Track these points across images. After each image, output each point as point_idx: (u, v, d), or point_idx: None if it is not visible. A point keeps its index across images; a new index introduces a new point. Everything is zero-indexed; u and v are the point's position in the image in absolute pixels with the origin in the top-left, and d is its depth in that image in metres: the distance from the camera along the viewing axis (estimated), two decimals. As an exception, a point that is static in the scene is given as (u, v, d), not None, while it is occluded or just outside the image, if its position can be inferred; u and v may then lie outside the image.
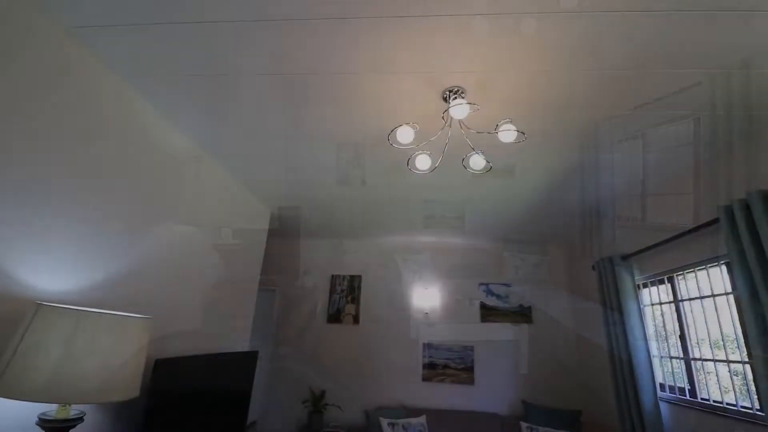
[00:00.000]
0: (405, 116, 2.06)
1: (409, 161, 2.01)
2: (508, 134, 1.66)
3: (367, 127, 2.25)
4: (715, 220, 2.37)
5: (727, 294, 2.48)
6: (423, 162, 1.96)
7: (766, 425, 2.08)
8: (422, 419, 3.93)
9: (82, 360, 1.30)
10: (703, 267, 2.67)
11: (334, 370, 4.60)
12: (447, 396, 4.39)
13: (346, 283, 4.97)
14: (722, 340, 2.51)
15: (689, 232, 2.61)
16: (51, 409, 1.46)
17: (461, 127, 1.88)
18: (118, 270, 2.02)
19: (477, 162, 1.93)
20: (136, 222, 2.14)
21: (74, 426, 1.43)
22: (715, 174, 2.51)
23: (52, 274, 1.66)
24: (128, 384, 1.44)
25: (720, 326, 2.53)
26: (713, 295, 2.59)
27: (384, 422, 3.74)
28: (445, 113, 1.81)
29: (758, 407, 2.22)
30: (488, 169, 2.01)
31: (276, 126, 2.34)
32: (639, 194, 3.10)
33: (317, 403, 4.21)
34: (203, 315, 2.81)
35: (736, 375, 2.43)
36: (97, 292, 1.88)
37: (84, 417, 1.48)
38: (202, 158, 2.73)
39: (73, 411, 1.47)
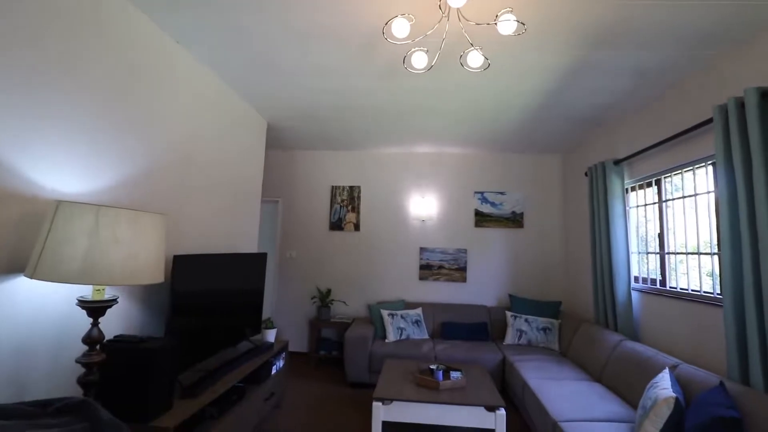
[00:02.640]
0: (400, 7, 1.95)
1: (405, 59, 1.95)
2: (507, 25, 1.59)
3: (359, 22, 2.13)
4: (709, 121, 2.39)
5: (708, 193, 2.60)
6: (419, 60, 1.90)
7: (721, 305, 2.35)
8: (419, 310, 4.38)
9: (108, 248, 1.45)
10: (691, 168, 2.75)
11: (338, 271, 4.97)
12: (441, 292, 4.82)
13: (346, 193, 5.10)
14: (697, 236, 2.70)
15: (683, 133, 2.63)
16: (87, 294, 1.66)
17: (459, 19, 1.80)
18: (130, 174, 2.10)
19: (475, 59, 1.88)
20: (140, 128, 2.17)
21: (110, 306, 1.64)
22: (714, 72, 2.45)
23: (67, 176, 1.74)
24: (152, 270, 1.61)
25: (697, 223, 2.69)
26: (695, 194, 2.71)
27: (384, 313, 4.17)
28: (442, 2, 1.71)
29: (719, 292, 2.48)
30: (486, 67, 1.96)
31: (264, 25, 2.22)
32: (637, 96, 3.04)
33: (324, 299, 4.63)
34: (212, 219, 2.98)
35: (708, 276, 2.64)
36: (112, 194, 1.99)
37: (118, 300, 1.68)
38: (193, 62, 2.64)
39: (107, 295, 1.67)
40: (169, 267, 2.38)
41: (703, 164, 2.63)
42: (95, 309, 1.59)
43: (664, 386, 2.05)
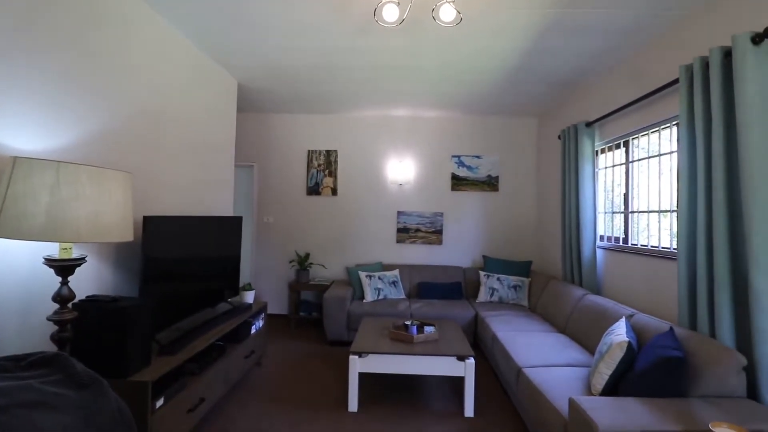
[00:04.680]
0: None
1: (376, 11, 1.90)
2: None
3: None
4: (676, 81, 2.44)
5: (671, 153, 2.70)
6: (390, 12, 1.85)
7: (676, 259, 2.51)
8: (396, 272, 4.49)
9: (71, 205, 1.41)
10: (657, 129, 2.83)
11: (317, 236, 5.00)
12: (418, 254, 4.94)
13: (322, 157, 5.04)
14: (659, 195, 2.82)
15: (651, 94, 2.69)
16: (54, 253, 1.63)
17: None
18: (92, 132, 2.01)
19: (447, 12, 1.85)
20: (102, 86, 2.06)
21: (78, 265, 1.62)
22: (683, 32, 2.48)
23: (25, 134, 1.66)
24: (120, 228, 1.59)
25: (659, 183, 2.81)
26: (659, 155, 2.81)
27: (362, 275, 4.26)
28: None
29: (675, 247, 2.64)
30: (458, 22, 1.93)
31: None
32: (609, 57, 3.06)
33: (302, 262, 4.68)
34: (183, 181, 2.92)
35: (670, 236, 2.79)
36: (74, 153, 1.91)
37: (86, 258, 1.67)
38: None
39: (75, 254, 1.64)
40: (139, 228, 2.34)
41: (668, 125, 2.71)
42: (63, 267, 1.58)
43: (619, 332, 2.21)
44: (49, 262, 1.55)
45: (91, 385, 1.26)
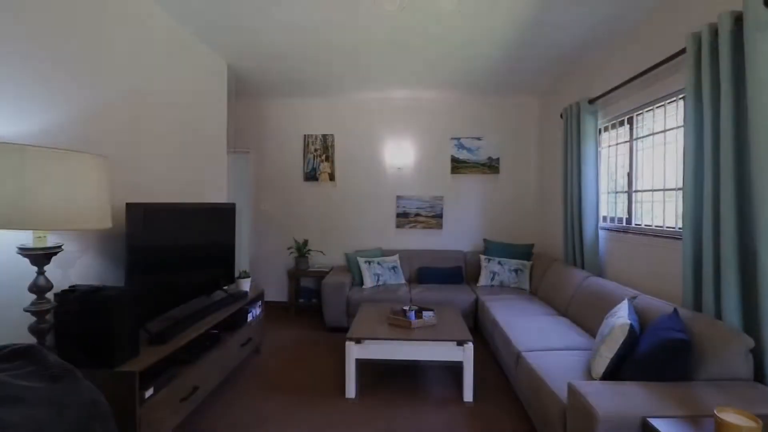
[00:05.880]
0: None
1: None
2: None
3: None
4: (683, 51, 2.31)
5: (678, 128, 2.58)
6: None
7: (680, 238, 2.41)
8: (395, 257, 4.43)
9: (39, 190, 1.34)
10: (662, 104, 2.70)
11: (315, 222, 4.94)
12: (418, 239, 4.86)
13: (319, 142, 4.94)
14: (664, 173, 2.71)
15: (657, 66, 2.55)
16: (29, 242, 1.57)
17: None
18: (71, 115, 1.93)
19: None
20: (79, 66, 1.97)
21: (54, 254, 1.56)
22: (695, -4, 2.34)
23: (-14, 116, 1.58)
24: (96, 215, 1.52)
25: (664, 160, 2.70)
26: (665, 130, 2.69)
27: (361, 261, 4.20)
28: None
29: (680, 226, 2.54)
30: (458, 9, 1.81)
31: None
32: (614, 29, 2.92)
33: (301, 249, 4.63)
34: (172, 168, 2.84)
35: (675, 215, 2.68)
36: (52, 137, 1.83)
37: (63, 247, 1.60)
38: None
39: (50, 242, 1.58)
40: (123, 216, 2.27)
41: (674, 99, 2.59)
42: (37, 257, 1.52)
43: (621, 315, 2.14)
44: (23, 251, 1.49)
45: (64, 377, 1.21)
